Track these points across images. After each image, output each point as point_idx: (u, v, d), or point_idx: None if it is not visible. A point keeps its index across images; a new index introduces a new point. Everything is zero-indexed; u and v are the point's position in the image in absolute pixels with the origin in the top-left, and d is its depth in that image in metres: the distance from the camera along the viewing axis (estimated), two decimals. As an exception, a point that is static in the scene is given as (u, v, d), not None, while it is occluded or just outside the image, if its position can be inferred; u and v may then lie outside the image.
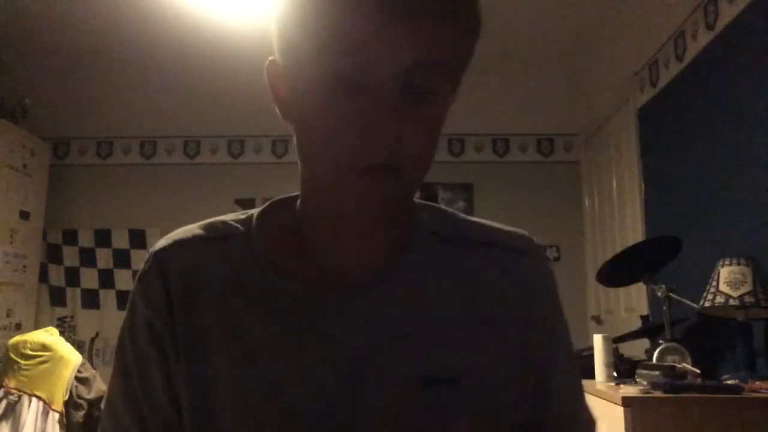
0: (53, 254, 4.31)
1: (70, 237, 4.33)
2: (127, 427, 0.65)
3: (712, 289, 2.07)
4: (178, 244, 0.67)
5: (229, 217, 0.70)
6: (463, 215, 0.72)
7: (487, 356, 0.64)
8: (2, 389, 2.82)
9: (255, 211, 0.70)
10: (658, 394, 1.75)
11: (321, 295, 0.63)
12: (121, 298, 4.25)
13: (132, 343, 0.66)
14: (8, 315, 3.78)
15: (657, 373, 1.86)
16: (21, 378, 2.83)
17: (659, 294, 2.27)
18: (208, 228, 0.68)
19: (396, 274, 0.64)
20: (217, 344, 0.62)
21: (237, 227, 0.68)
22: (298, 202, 0.67)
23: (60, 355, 2.90)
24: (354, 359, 0.61)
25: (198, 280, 0.64)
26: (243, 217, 0.69)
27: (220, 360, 0.62)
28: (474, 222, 0.72)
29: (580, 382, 0.75)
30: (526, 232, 0.72)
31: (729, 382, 1.92)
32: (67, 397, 2.85)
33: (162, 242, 0.68)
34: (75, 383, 2.89)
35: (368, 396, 0.60)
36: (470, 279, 0.67)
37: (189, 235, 0.68)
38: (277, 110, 0.63)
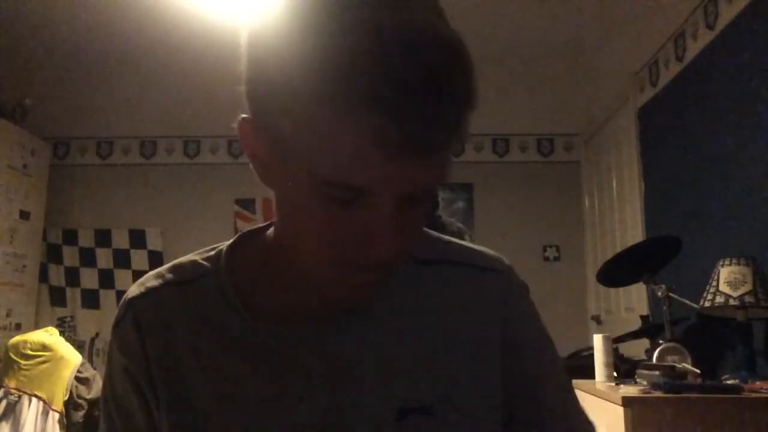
0: (53, 254, 4.30)
1: (70, 237, 4.32)
2: None
3: (712, 289, 2.07)
4: (151, 292, 0.67)
5: (198, 255, 0.69)
6: (435, 234, 0.72)
7: (462, 380, 0.64)
8: (2, 389, 2.82)
9: (223, 246, 0.69)
10: (658, 394, 1.75)
11: (296, 332, 0.62)
12: (122, 298, 4.24)
13: (113, 391, 0.66)
14: (8, 315, 3.78)
15: (657, 373, 1.86)
16: (21, 378, 2.83)
17: (659, 294, 2.27)
18: (178, 270, 0.68)
19: (371, 304, 0.63)
20: (198, 390, 0.62)
21: (206, 267, 0.67)
22: (271, 241, 0.66)
23: (60, 355, 2.90)
24: (332, 394, 0.61)
25: (173, 328, 0.64)
26: (212, 253, 0.68)
27: (201, 406, 0.62)
28: (440, 240, 0.71)
29: (573, 392, 0.73)
30: (494, 252, 0.72)
31: (729, 382, 1.92)
32: (67, 397, 2.85)
33: (135, 290, 0.68)
34: (75, 383, 2.89)
35: (347, 430, 0.60)
36: (441, 301, 0.66)
37: (160, 281, 0.67)
38: (253, 169, 0.58)
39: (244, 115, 0.56)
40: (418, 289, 0.66)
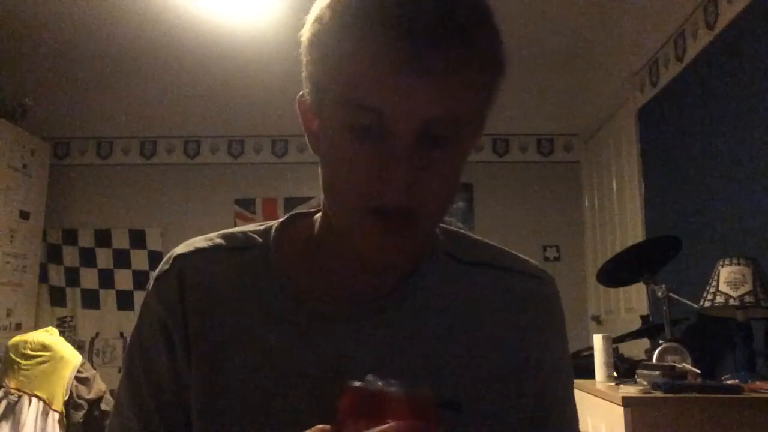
0: (53, 254, 4.30)
1: (70, 237, 4.33)
2: (133, 427, 0.65)
3: (712, 289, 2.07)
4: (199, 252, 0.68)
5: (248, 228, 0.71)
6: (475, 236, 0.73)
7: (492, 381, 0.64)
8: (2, 389, 2.82)
9: (274, 223, 0.70)
10: (658, 394, 1.75)
11: (334, 315, 0.63)
12: (121, 298, 4.25)
13: (142, 342, 0.67)
14: (8, 315, 3.77)
15: (657, 373, 1.86)
16: (21, 378, 2.83)
17: (659, 294, 2.27)
18: (229, 237, 0.69)
19: (409, 296, 0.65)
20: (228, 354, 0.63)
21: (256, 239, 0.69)
22: (318, 223, 0.68)
23: (60, 355, 2.90)
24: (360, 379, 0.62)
25: (215, 290, 0.65)
26: (262, 228, 0.70)
27: (229, 370, 0.62)
28: (486, 244, 0.72)
29: (576, 410, 0.74)
30: (535, 261, 0.73)
31: (729, 382, 1.92)
32: (67, 397, 2.85)
33: (182, 248, 0.68)
34: (75, 383, 2.88)
35: None
36: (480, 301, 0.67)
37: (210, 243, 0.69)
38: (308, 142, 0.63)
39: (301, 92, 0.62)
40: (456, 288, 0.67)
